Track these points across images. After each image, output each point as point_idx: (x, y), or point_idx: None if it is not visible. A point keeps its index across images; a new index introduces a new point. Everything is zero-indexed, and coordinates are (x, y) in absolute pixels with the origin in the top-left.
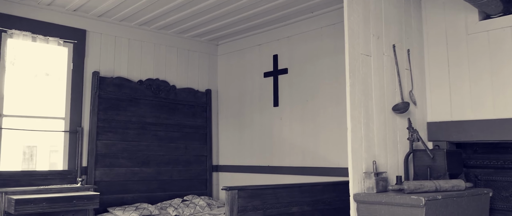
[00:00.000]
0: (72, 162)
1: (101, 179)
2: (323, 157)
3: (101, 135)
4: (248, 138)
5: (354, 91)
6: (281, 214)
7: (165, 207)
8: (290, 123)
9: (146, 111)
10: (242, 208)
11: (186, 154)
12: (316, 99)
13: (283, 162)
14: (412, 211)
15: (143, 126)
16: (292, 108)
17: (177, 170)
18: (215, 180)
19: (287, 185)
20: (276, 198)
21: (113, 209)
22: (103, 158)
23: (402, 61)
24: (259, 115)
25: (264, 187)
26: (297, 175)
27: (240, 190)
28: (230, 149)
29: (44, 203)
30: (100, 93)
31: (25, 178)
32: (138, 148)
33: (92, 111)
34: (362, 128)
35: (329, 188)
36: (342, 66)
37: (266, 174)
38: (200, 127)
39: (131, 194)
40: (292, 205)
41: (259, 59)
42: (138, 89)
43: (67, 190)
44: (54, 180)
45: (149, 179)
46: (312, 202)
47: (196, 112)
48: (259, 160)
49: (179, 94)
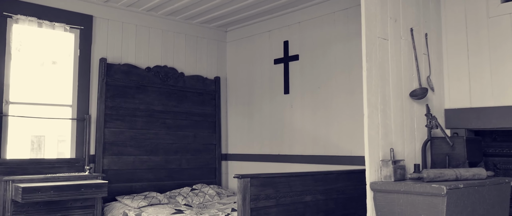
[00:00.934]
0: (80, 150)
1: (109, 168)
2: (335, 145)
3: (108, 123)
4: (257, 126)
5: (371, 76)
6: (294, 203)
7: (174, 195)
8: (301, 111)
9: (154, 99)
10: (255, 197)
11: (195, 142)
12: (328, 86)
13: (293, 151)
14: (432, 200)
15: (151, 114)
16: (303, 96)
17: (185, 158)
18: (224, 169)
19: (300, 173)
20: (289, 187)
21: (121, 198)
22: (111, 146)
23: (419, 45)
24: (269, 102)
25: (277, 175)
26: (308, 164)
27: (253, 178)
28: (240, 137)
29: (52, 192)
30: (107, 80)
31: (32, 167)
32: (146, 136)
33: (99, 98)
34: (379, 115)
35: (343, 176)
36: (355, 52)
37: (276, 162)
38: (209, 115)
39: (140, 182)
40: (306, 194)
41: (269, 45)
42: (146, 76)
43: (75, 178)
44: (62, 168)
45: (158, 168)
46: (325, 191)
47: (205, 100)
48: (269, 149)
49: (188, 82)
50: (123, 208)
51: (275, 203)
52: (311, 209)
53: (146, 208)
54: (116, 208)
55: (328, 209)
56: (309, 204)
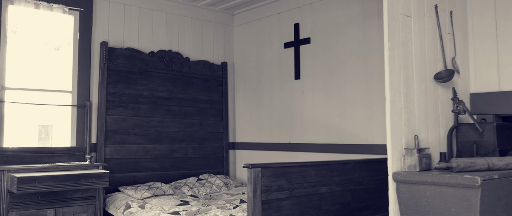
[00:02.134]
0: (81, 139)
1: (112, 157)
2: (349, 133)
3: (110, 109)
4: (267, 113)
5: (393, 56)
6: (308, 195)
7: (180, 186)
8: (313, 97)
9: (158, 85)
10: (266, 188)
11: (201, 130)
12: (342, 71)
13: (305, 139)
14: (464, 193)
15: (155, 101)
16: (315, 81)
17: (191, 147)
18: (231, 158)
19: (315, 162)
20: (303, 177)
21: (124, 188)
22: (113, 134)
23: (444, 24)
24: (279, 88)
25: (290, 164)
26: (320, 153)
27: (264, 168)
28: (248, 125)
29: (49, 182)
30: (109, 65)
31: (31, 156)
32: (150, 124)
33: (100, 84)
34: (401, 99)
35: (361, 166)
36: (371, 34)
37: (287, 151)
38: (215, 102)
39: (144, 172)
40: (321, 185)
41: (279, 28)
42: (149, 61)
43: (75, 168)
44: (62, 157)
45: (162, 157)
46: (342, 182)
47: (212, 86)
48: (279, 137)
49: (193, 67)
50: (126, 199)
51: (288, 195)
52: (327, 201)
53: (150, 199)
54: (118, 199)
55: (344, 201)
56: (324, 196)
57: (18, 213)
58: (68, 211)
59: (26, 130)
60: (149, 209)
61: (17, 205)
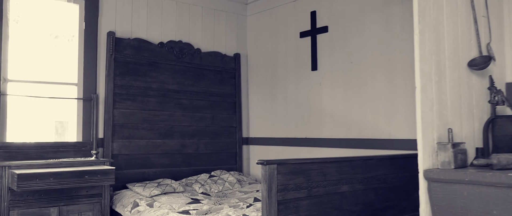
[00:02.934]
0: (87, 133)
1: (120, 152)
2: (371, 127)
3: (118, 103)
4: (282, 107)
5: (423, 40)
6: (328, 194)
7: (191, 183)
8: (331, 89)
9: (168, 77)
10: (283, 187)
11: (213, 125)
12: (362, 61)
13: (322, 134)
14: (509, 193)
15: (165, 94)
16: (334, 72)
17: (203, 142)
18: (245, 154)
19: (335, 159)
20: (323, 175)
21: (132, 185)
22: (121, 128)
23: (478, 6)
24: (294, 80)
25: (308, 161)
26: (339, 148)
27: (280, 164)
28: (262, 119)
29: (51, 179)
30: (116, 56)
31: (35, 151)
32: (160, 118)
33: (107, 76)
34: (433, 87)
35: (385, 162)
36: (393, 20)
37: (303, 147)
38: (228, 95)
39: (153, 168)
40: (342, 183)
41: (294, 17)
42: (158, 52)
43: (80, 164)
44: (68, 153)
45: (173, 153)
46: (365, 180)
47: (224, 79)
48: (295, 132)
49: (205, 59)
50: (133, 197)
51: (306, 194)
52: (349, 201)
53: (159, 197)
54: (126, 197)
55: (367, 200)
56: (346, 195)
57: (20, 211)
58: (73, 209)
59: (29, 125)
60: (158, 208)
61: (19, 203)
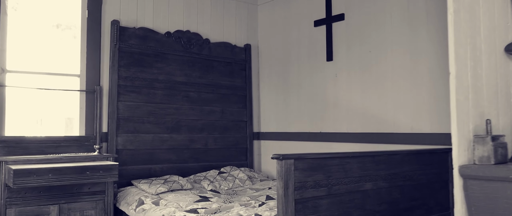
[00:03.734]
0: (90, 127)
1: (124, 147)
2: (391, 120)
3: (123, 95)
4: (295, 100)
5: (458, 20)
6: (350, 192)
7: (199, 180)
8: (347, 81)
9: (175, 68)
10: (300, 184)
11: (223, 119)
12: (382, 49)
13: (338, 128)
14: None
15: (172, 86)
16: (351, 62)
17: (212, 137)
18: (256, 150)
19: (358, 153)
20: (344, 171)
21: (137, 182)
22: (126, 122)
23: None
24: (308, 72)
25: (328, 155)
26: (356, 143)
27: (298, 159)
28: (274, 113)
29: (50, 175)
30: (120, 46)
31: (35, 146)
32: (166, 112)
33: (111, 67)
34: (468, 74)
35: (410, 158)
36: (416, 5)
37: (317, 142)
38: (238, 88)
39: (159, 164)
40: (365, 180)
41: (308, 5)
42: (165, 42)
43: (81, 159)
44: (70, 147)
45: (180, 148)
46: (389, 177)
47: (234, 71)
48: (309, 126)
49: (214, 50)
50: (139, 194)
51: (326, 192)
52: (372, 201)
53: (166, 194)
54: (130, 194)
55: (392, 199)
56: (369, 194)
57: (17, 209)
58: (74, 207)
59: (30, 118)
60: (164, 206)
61: (16, 201)
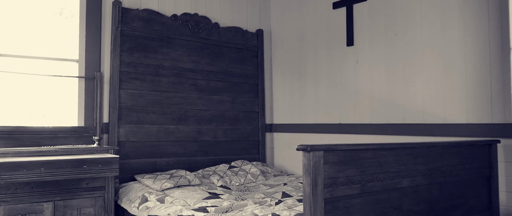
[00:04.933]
0: (90, 117)
1: (127, 139)
2: (420, 110)
3: (125, 83)
4: (311, 88)
5: None
6: (386, 190)
7: (208, 175)
8: (370, 67)
9: (182, 54)
10: (331, 181)
11: (233, 109)
12: (410, 32)
13: (360, 119)
14: None
15: (179, 73)
16: (374, 47)
17: (222, 129)
18: (268, 142)
19: (394, 145)
20: (379, 165)
21: (141, 177)
22: (128, 112)
23: None
24: (326, 58)
25: (362, 147)
26: (380, 135)
27: (328, 151)
28: (288, 103)
29: (42, 169)
30: (123, 29)
31: (29, 137)
32: (173, 101)
33: (113, 52)
34: None
35: (450, 151)
36: None
37: (336, 134)
38: (250, 76)
39: (165, 158)
40: (402, 176)
41: None
42: (171, 25)
43: (78, 152)
44: (68, 139)
45: (187, 140)
46: (428, 172)
47: (245, 58)
48: (327, 117)
49: (224, 35)
50: (142, 190)
51: (359, 190)
52: (409, 199)
53: (172, 190)
54: (133, 190)
55: (431, 198)
56: (406, 192)
57: (7, 207)
58: (71, 204)
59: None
60: (170, 204)
61: (6, 198)
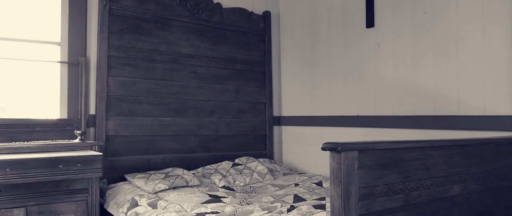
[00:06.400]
0: (74, 109)
1: (117, 133)
2: (454, 100)
3: (115, 69)
4: (324, 76)
5: None
6: (434, 201)
7: (209, 174)
8: (394, 51)
9: (179, 38)
10: (367, 191)
11: (237, 99)
12: (442, 9)
13: (381, 110)
14: None
15: (176, 59)
16: (398, 28)
17: (224, 122)
18: (276, 137)
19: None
20: (426, 168)
21: (132, 177)
22: (118, 102)
23: None
24: (342, 42)
25: (407, 145)
26: (405, 129)
27: (363, 151)
28: (298, 93)
29: (8, 170)
30: (111, 8)
31: (2, 130)
32: (169, 90)
33: (100, 33)
34: None
35: (505, 149)
36: None
37: (354, 127)
38: (256, 63)
39: (160, 155)
40: (452, 182)
41: None
42: (168, 5)
43: (55, 148)
44: (47, 133)
45: (186, 134)
46: (481, 176)
47: (251, 42)
48: (342, 108)
49: (227, 16)
50: (132, 192)
51: (402, 202)
52: (460, 211)
53: (166, 193)
54: (122, 193)
55: (484, 209)
56: (456, 201)
57: None
58: (46, 210)
59: None
60: (163, 209)
61: None
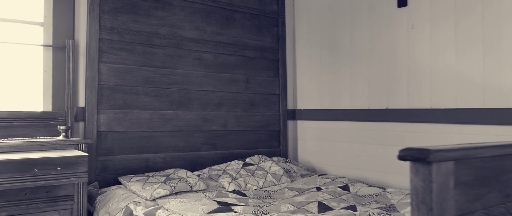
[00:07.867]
0: (60, 100)
1: (110, 129)
2: (507, 91)
3: (107, 54)
4: (346, 64)
5: None
6: None
7: (216, 176)
8: (431, 34)
9: (182, 20)
10: None
11: (248, 90)
12: None
13: (416, 103)
14: None
15: (179, 44)
16: (436, 8)
17: (233, 115)
18: (291, 133)
19: None
20: None
21: (127, 180)
22: (112, 93)
23: None
24: (368, 24)
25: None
26: (446, 124)
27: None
28: (316, 83)
29: None
30: None
31: None
32: (171, 79)
33: (90, 13)
34: None
35: None
36: None
37: (382, 122)
38: (268, 50)
39: (160, 153)
40: None
41: None
42: None
43: (33, 147)
44: (27, 129)
45: (189, 130)
46: None
47: (263, 26)
48: (368, 101)
49: None
50: (127, 199)
51: None
52: None
53: (167, 199)
54: (115, 199)
55: None
56: None
57: None
58: None
59: None
60: None
61: None
